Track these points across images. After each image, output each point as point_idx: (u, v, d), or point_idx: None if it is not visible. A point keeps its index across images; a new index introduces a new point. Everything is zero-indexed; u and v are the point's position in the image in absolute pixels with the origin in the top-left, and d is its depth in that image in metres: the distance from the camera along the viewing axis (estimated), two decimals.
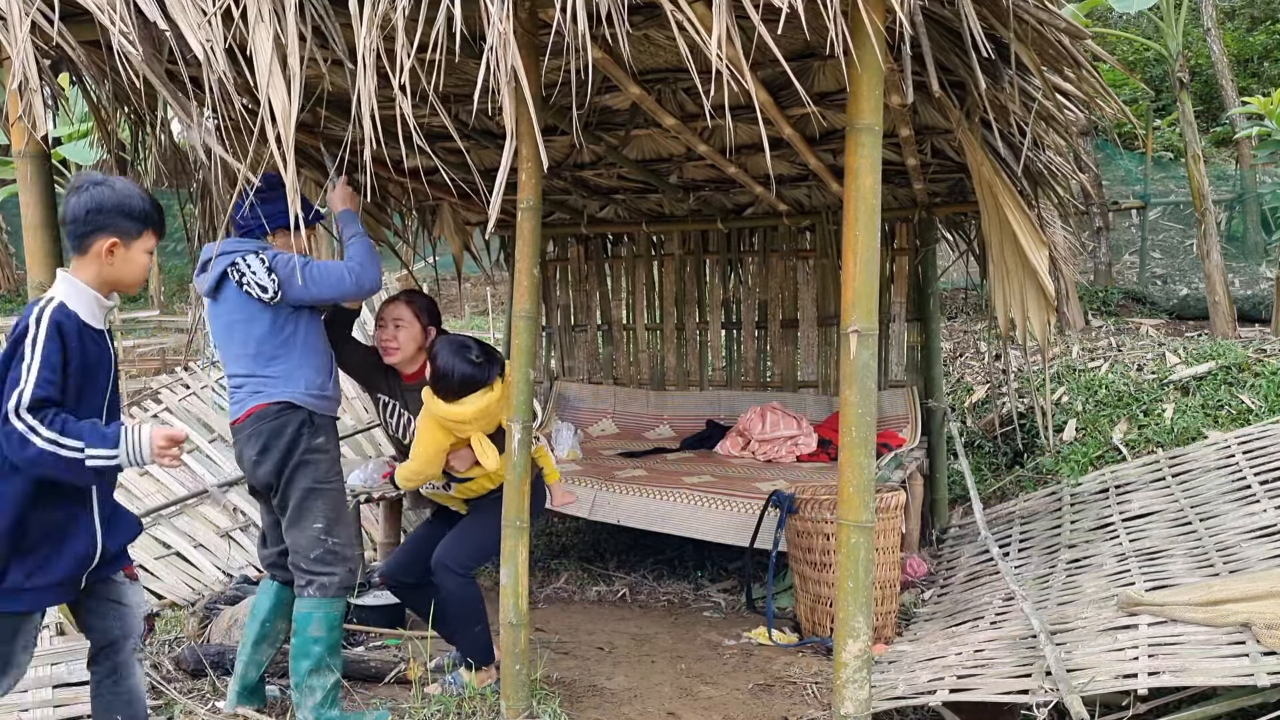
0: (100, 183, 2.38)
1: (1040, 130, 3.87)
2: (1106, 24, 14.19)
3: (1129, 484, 5.31)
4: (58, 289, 2.34)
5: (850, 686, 2.77)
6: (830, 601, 3.92)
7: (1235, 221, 12.28)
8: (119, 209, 2.37)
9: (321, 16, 2.71)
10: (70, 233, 2.36)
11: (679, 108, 4.10)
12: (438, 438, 3.24)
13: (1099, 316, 10.35)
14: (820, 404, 6.21)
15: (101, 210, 2.35)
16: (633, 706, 3.46)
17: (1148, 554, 4.28)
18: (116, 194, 2.37)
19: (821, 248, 6.22)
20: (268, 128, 2.55)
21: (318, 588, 3.05)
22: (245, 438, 3.10)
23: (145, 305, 14.47)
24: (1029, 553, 4.89)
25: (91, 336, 2.34)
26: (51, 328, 2.24)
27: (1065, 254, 5.63)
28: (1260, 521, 4.25)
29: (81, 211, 2.34)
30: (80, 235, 2.35)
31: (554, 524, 6.15)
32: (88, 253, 2.36)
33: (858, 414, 2.76)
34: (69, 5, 2.79)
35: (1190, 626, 3.11)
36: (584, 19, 2.42)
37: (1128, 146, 13.80)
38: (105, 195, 2.36)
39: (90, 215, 2.34)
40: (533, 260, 3.05)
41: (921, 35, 2.71)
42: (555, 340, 7.09)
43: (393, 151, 2.72)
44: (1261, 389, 5.88)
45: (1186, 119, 9.06)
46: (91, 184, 2.37)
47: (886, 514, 4.07)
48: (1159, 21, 9.10)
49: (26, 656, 2.42)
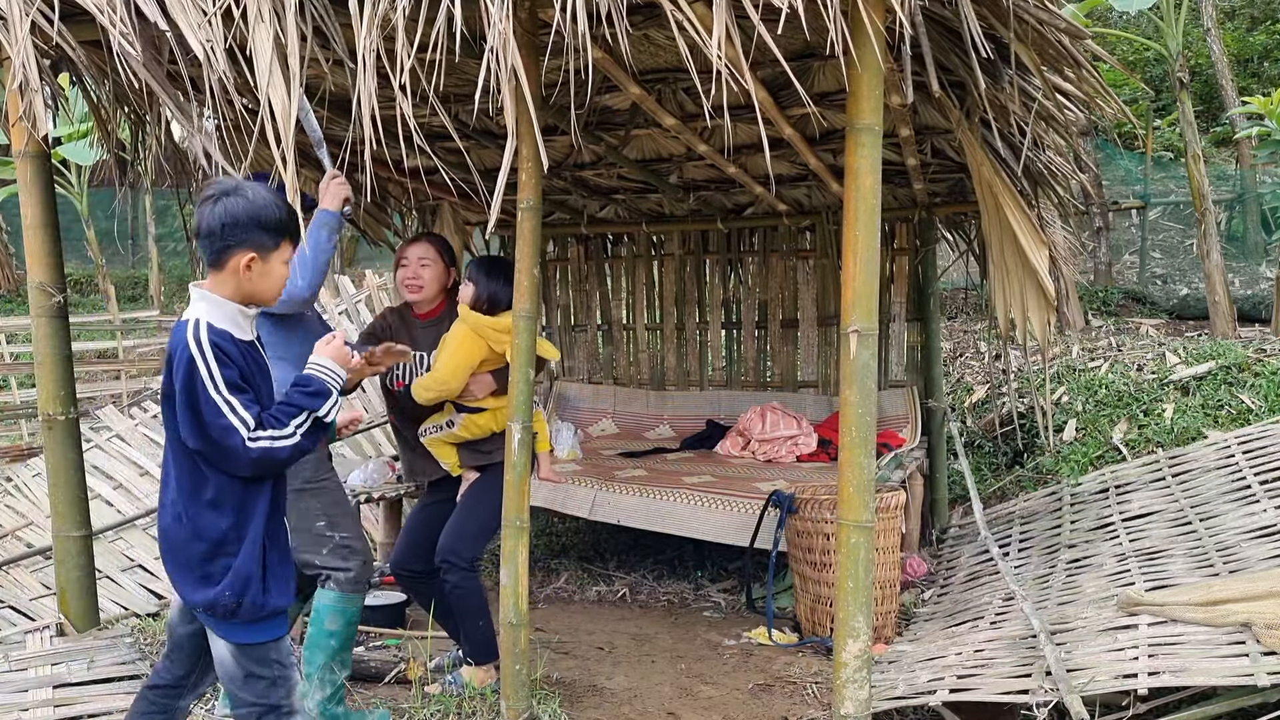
0: (232, 192, 2.21)
1: (1040, 130, 3.87)
2: (1106, 24, 14.19)
3: (1129, 484, 5.32)
4: (198, 309, 2.21)
5: (850, 686, 2.77)
6: (830, 601, 3.92)
7: (1235, 221, 12.29)
8: (255, 221, 2.21)
9: (322, 16, 2.72)
10: (205, 247, 2.22)
11: (679, 108, 4.10)
12: (471, 350, 3.32)
13: (1099, 316, 10.36)
14: (820, 404, 6.21)
15: (237, 224, 2.19)
16: (633, 706, 3.46)
17: (1148, 554, 4.28)
18: (251, 205, 2.20)
19: (821, 248, 6.22)
20: (267, 128, 2.56)
21: (335, 582, 3.07)
22: None
23: (145, 305, 14.48)
24: (1029, 553, 4.90)
25: (245, 349, 2.24)
26: (215, 351, 2.14)
27: (1065, 254, 5.63)
28: (1260, 521, 4.25)
29: (217, 226, 2.18)
30: (216, 251, 2.20)
31: (554, 524, 6.15)
32: (224, 268, 2.21)
33: (858, 414, 2.76)
34: (69, 5, 2.80)
35: (1190, 626, 3.11)
36: (584, 19, 2.42)
37: (1128, 146, 13.81)
38: (240, 207, 2.19)
39: (226, 230, 2.18)
40: (533, 260, 3.05)
41: (921, 35, 2.71)
42: (555, 340, 7.09)
43: (393, 151, 2.72)
44: (1261, 389, 5.88)
45: (1186, 119, 9.06)
46: (224, 194, 2.20)
47: (886, 514, 4.07)
48: (1159, 21, 9.10)
49: (297, 673, 2.34)
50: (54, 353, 3.68)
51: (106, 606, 4.62)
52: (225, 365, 2.14)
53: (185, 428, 2.13)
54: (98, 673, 3.39)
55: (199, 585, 2.19)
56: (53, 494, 3.77)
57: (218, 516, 2.17)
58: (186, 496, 2.19)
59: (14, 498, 6.44)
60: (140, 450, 6.55)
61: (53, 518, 3.79)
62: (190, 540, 2.19)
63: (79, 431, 3.84)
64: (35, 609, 5.13)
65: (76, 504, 3.76)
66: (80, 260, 15.54)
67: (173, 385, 2.15)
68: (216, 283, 2.24)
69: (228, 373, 2.14)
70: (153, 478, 6.33)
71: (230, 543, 2.18)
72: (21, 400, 9.60)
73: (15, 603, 5.26)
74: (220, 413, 2.11)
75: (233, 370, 2.15)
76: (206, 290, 2.24)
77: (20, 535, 6.09)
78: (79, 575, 3.77)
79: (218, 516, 2.17)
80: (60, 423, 3.71)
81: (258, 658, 2.24)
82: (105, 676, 3.37)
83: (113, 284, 13.32)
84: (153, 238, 15.15)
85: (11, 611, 5.14)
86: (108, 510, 6.05)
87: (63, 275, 3.71)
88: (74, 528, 3.75)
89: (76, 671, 3.37)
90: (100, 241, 13.49)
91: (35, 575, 5.60)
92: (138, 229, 16.66)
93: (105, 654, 3.53)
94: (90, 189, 12.33)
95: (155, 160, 3.84)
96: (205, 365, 2.13)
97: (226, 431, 2.11)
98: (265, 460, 2.15)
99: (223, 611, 2.18)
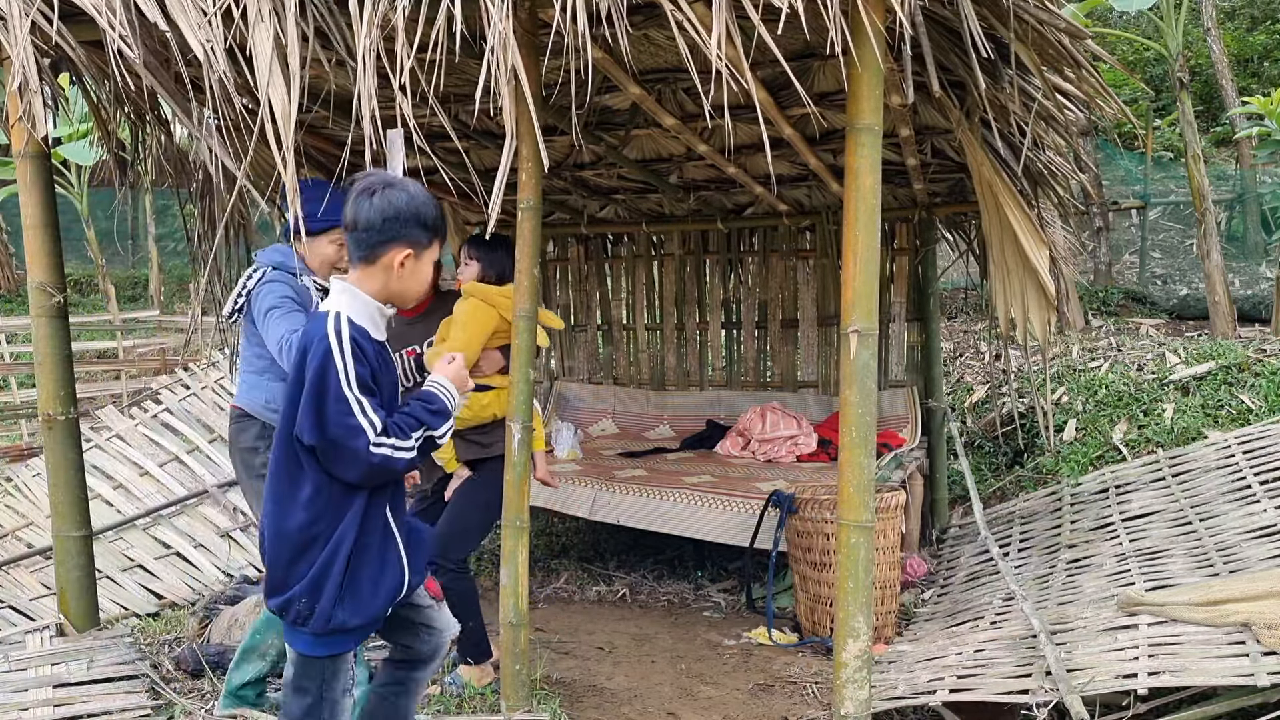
0: (392, 185, 2.13)
1: (1040, 130, 3.87)
2: (1106, 24, 14.19)
3: (1129, 484, 5.31)
4: (339, 301, 2.13)
5: (850, 686, 2.77)
6: (830, 601, 3.92)
7: (1235, 221, 12.28)
8: (415, 218, 2.13)
9: (322, 16, 2.72)
10: (361, 240, 2.12)
11: (679, 108, 4.10)
12: (483, 320, 3.39)
13: (1099, 316, 10.36)
14: (820, 404, 6.21)
15: (399, 218, 2.11)
16: (633, 706, 3.46)
17: (1148, 554, 4.28)
18: (412, 199, 2.13)
19: (821, 248, 6.22)
20: (267, 127, 2.55)
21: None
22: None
23: (145, 305, 14.48)
24: (1029, 553, 4.89)
25: (378, 350, 2.16)
26: (354, 348, 2.06)
27: (1065, 254, 5.62)
28: (1260, 521, 4.25)
29: (377, 219, 2.10)
30: (372, 245, 2.12)
31: (554, 524, 6.15)
32: (376, 263, 2.13)
33: (858, 414, 2.76)
34: (69, 5, 2.80)
35: (1190, 626, 3.11)
36: (584, 19, 2.42)
37: (1128, 146, 13.81)
38: (402, 201, 2.11)
39: (387, 224, 2.10)
40: (533, 260, 3.06)
41: (921, 35, 2.71)
42: (555, 340, 7.08)
43: None
44: (1261, 389, 5.88)
45: (1186, 119, 9.06)
46: (384, 186, 2.12)
47: (886, 514, 4.07)
48: (1159, 21, 9.09)
49: (349, 700, 2.26)
50: (54, 353, 3.68)
51: (106, 606, 4.62)
52: (360, 363, 2.06)
53: (306, 421, 2.04)
54: (97, 672, 3.38)
55: (277, 587, 2.13)
56: (53, 494, 3.77)
57: (308, 518, 2.09)
58: (281, 493, 2.12)
59: (14, 498, 6.44)
60: (140, 450, 6.54)
61: (53, 518, 3.78)
62: (277, 538, 2.13)
63: (79, 431, 3.84)
64: (35, 609, 5.13)
65: (76, 504, 3.76)
66: (80, 260, 15.54)
67: (301, 376, 2.07)
68: (364, 277, 2.15)
69: (362, 371, 2.06)
70: (153, 478, 6.34)
71: (315, 547, 2.10)
72: (21, 400, 9.60)
73: (15, 603, 5.26)
74: (349, 411, 2.03)
75: (366, 370, 2.07)
76: (351, 284, 2.15)
77: (20, 535, 6.09)
78: (79, 575, 3.77)
79: (308, 518, 2.09)
80: (60, 423, 3.71)
81: (310, 672, 2.18)
82: (105, 676, 3.37)
83: (113, 284, 13.31)
84: (153, 238, 15.14)
85: (11, 611, 5.14)
86: (108, 510, 6.05)
87: (63, 275, 3.71)
88: (74, 528, 3.75)
89: (76, 671, 3.37)
90: (100, 241, 13.49)
91: (35, 575, 5.60)
92: (138, 229, 16.66)
93: (105, 654, 3.53)
94: (90, 189, 12.32)
95: (155, 160, 3.84)
96: (342, 360, 2.04)
97: (352, 432, 2.03)
98: (382, 468, 2.07)
99: (295, 616, 2.11)
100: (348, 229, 2.14)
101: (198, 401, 7.01)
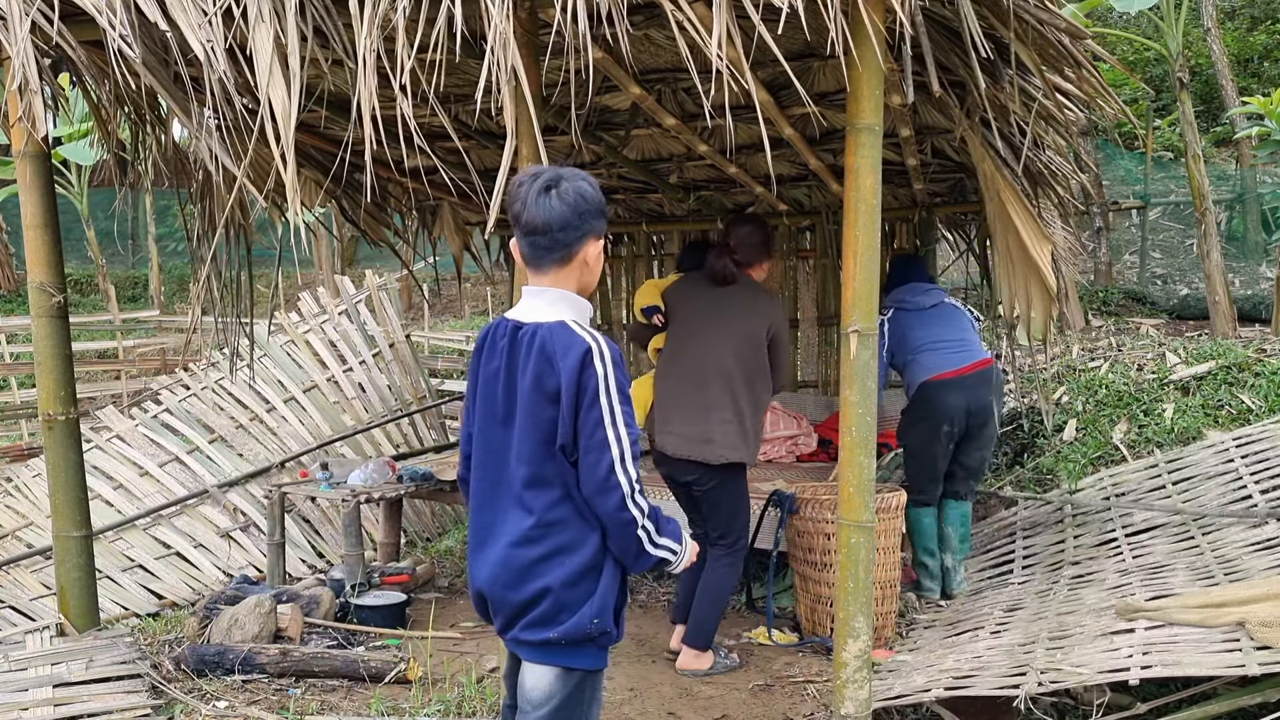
0: (564, 177, 1.95)
1: (1040, 130, 3.87)
2: (1106, 24, 14.19)
3: (1129, 492, 5.31)
4: (564, 310, 1.96)
5: (850, 686, 2.77)
6: (830, 601, 3.92)
7: (1235, 221, 12.29)
8: (599, 207, 1.98)
9: (322, 16, 2.72)
10: (556, 241, 1.94)
11: (679, 108, 4.10)
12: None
13: (1099, 316, 10.36)
14: (820, 404, 6.21)
15: (590, 209, 1.95)
16: (633, 706, 3.46)
17: (1150, 569, 4.27)
18: (594, 187, 1.98)
19: (821, 248, 6.22)
20: (267, 127, 2.55)
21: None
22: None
23: (145, 305, 14.49)
24: (1033, 569, 4.88)
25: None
26: (615, 359, 1.91)
27: (1065, 254, 5.62)
28: (1262, 535, 4.25)
29: (571, 214, 1.93)
30: (569, 243, 1.95)
31: None
32: (572, 260, 1.96)
33: (858, 414, 2.76)
34: (69, 5, 2.80)
35: (1185, 628, 3.11)
36: (584, 19, 2.42)
37: (1128, 146, 13.81)
38: (586, 191, 1.95)
39: (582, 217, 1.94)
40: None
41: (921, 35, 2.71)
42: None
43: (393, 151, 2.72)
44: (1261, 389, 5.88)
45: (1186, 119, 9.06)
46: (559, 178, 1.95)
47: (886, 514, 4.07)
48: (1159, 21, 9.10)
49: (598, 709, 2.12)
50: (54, 353, 3.69)
51: (106, 606, 4.63)
52: (621, 372, 1.94)
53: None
54: (97, 672, 3.39)
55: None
56: (53, 494, 3.78)
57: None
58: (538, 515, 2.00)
59: (14, 498, 6.44)
60: (140, 450, 6.55)
61: (53, 518, 3.79)
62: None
63: (79, 431, 3.84)
64: (35, 609, 5.13)
65: (76, 504, 3.76)
66: (80, 260, 15.55)
67: (557, 392, 1.90)
68: (564, 278, 1.98)
69: (623, 380, 1.93)
70: (153, 478, 6.34)
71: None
72: (21, 400, 9.61)
73: (15, 603, 5.26)
74: (601, 436, 1.93)
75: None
76: (562, 290, 1.98)
77: (20, 535, 6.10)
78: (79, 575, 3.77)
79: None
80: (60, 423, 3.71)
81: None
82: (105, 676, 3.37)
83: (113, 284, 13.33)
84: (153, 238, 15.16)
85: (11, 611, 5.15)
86: (108, 510, 6.06)
87: (63, 275, 3.72)
88: (74, 528, 3.75)
89: (76, 671, 3.37)
90: (100, 241, 13.51)
91: (35, 575, 5.61)
92: (138, 229, 16.67)
93: (105, 654, 3.53)
94: (90, 189, 12.34)
95: (155, 160, 3.84)
96: (608, 387, 1.91)
97: (598, 459, 1.94)
98: (625, 519, 1.97)
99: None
100: (533, 232, 1.95)
101: (198, 402, 7.01)
